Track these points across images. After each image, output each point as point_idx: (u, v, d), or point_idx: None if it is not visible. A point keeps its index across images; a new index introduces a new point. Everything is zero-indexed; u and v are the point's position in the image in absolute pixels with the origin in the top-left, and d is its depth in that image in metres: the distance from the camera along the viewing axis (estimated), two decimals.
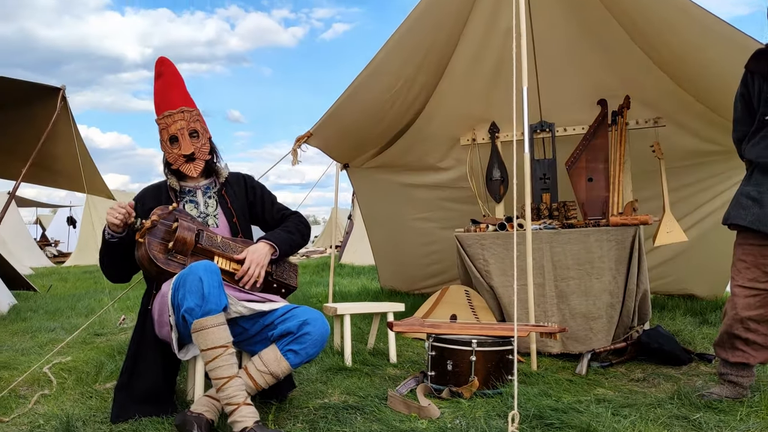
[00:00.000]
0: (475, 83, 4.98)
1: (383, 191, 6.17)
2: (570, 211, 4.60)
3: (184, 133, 3.03)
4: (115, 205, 2.74)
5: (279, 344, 2.69)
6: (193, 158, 3.03)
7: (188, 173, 3.03)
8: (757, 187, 2.87)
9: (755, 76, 2.93)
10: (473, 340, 3.22)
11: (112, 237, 2.78)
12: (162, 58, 3.16)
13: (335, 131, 4.88)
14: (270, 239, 3.00)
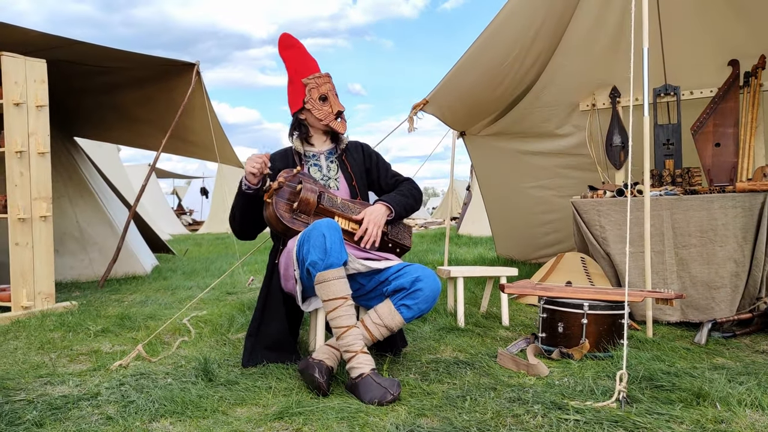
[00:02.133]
0: (596, 46, 4.86)
1: (500, 159, 6.18)
2: (694, 177, 4.43)
3: (333, 93, 3.25)
4: (254, 155, 2.98)
5: (393, 299, 2.84)
6: (340, 116, 3.25)
7: (337, 129, 3.24)
8: None
9: None
10: (585, 303, 3.23)
11: (249, 188, 3.02)
12: (286, 33, 3.38)
13: (451, 98, 4.94)
14: (386, 201, 3.15)
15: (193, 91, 5.98)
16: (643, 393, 2.55)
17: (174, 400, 2.51)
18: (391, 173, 3.41)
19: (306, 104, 3.22)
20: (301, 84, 3.23)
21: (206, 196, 23.73)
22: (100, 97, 6.62)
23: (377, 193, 3.43)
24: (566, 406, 2.38)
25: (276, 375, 2.88)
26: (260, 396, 2.61)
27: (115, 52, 5.33)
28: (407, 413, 2.38)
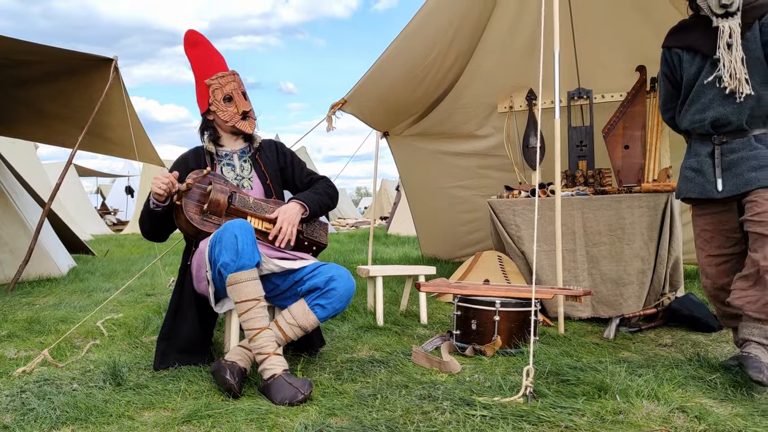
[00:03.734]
0: (513, 50, 4.99)
1: (422, 159, 6.25)
2: (605, 178, 4.61)
3: (239, 92, 3.20)
4: (160, 175, 2.92)
5: (307, 299, 2.84)
6: (247, 116, 3.20)
7: (244, 129, 3.19)
8: (696, 158, 2.96)
9: (672, 51, 3.02)
10: (497, 301, 3.31)
11: (157, 206, 2.95)
12: (191, 29, 3.33)
13: (371, 98, 4.96)
14: (300, 199, 3.14)
15: (111, 87, 5.79)
16: (549, 387, 2.63)
17: (77, 407, 2.44)
18: (306, 171, 3.40)
19: (211, 106, 3.18)
20: (206, 85, 3.19)
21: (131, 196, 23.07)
22: (10, 90, 6.34)
23: (292, 192, 3.41)
24: (474, 402, 2.44)
25: (188, 378, 2.83)
26: (170, 399, 2.57)
27: (26, 45, 5.11)
28: (318, 413, 2.39)
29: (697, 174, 2.95)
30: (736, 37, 2.77)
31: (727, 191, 2.84)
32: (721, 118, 2.83)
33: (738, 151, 2.82)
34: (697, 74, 2.91)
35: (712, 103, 2.86)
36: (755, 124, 2.82)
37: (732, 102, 2.79)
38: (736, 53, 2.76)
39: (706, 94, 2.87)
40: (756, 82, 2.77)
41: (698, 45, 2.90)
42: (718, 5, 2.78)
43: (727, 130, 2.85)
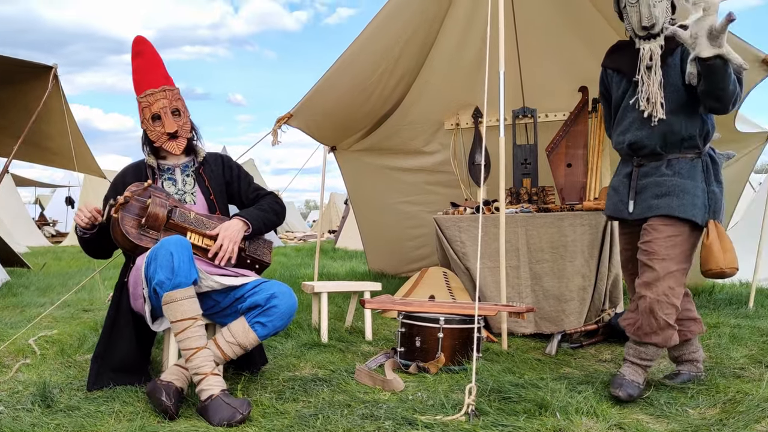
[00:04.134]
0: (459, 68, 5.04)
1: (370, 174, 6.25)
2: (548, 195, 4.68)
3: (167, 111, 3.11)
4: (83, 207, 2.85)
5: (247, 316, 2.78)
6: (176, 136, 3.11)
7: (171, 150, 3.11)
8: (618, 177, 3.00)
9: (607, 71, 3.04)
10: (441, 318, 3.31)
11: (84, 233, 2.92)
12: (139, 36, 3.23)
13: (318, 112, 4.94)
14: (244, 216, 3.09)
15: (49, 95, 5.62)
16: (491, 405, 2.64)
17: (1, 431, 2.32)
18: (253, 187, 3.35)
19: (142, 123, 3.12)
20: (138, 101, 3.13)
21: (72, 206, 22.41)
22: None
23: (239, 208, 3.35)
24: (416, 421, 2.42)
25: (123, 399, 2.74)
26: (102, 422, 2.47)
27: None
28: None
29: (615, 193, 2.99)
30: (656, 59, 2.78)
31: (636, 214, 2.87)
32: (638, 141, 2.84)
33: (650, 175, 2.84)
34: (622, 95, 2.94)
35: (631, 126, 2.87)
36: (670, 149, 2.82)
37: (648, 126, 2.80)
38: (654, 77, 2.76)
39: (628, 116, 2.89)
40: (670, 107, 2.77)
41: (624, 66, 2.92)
42: (639, 27, 2.80)
43: (643, 153, 2.86)
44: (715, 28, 2.40)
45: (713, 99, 2.63)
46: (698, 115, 2.80)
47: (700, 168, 2.81)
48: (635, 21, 2.80)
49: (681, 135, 2.78)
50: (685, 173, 2.79)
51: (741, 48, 3.76)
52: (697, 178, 2.79)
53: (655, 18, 2.77)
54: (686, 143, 2.80)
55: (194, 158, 3.25)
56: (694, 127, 2.78)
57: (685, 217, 2.72)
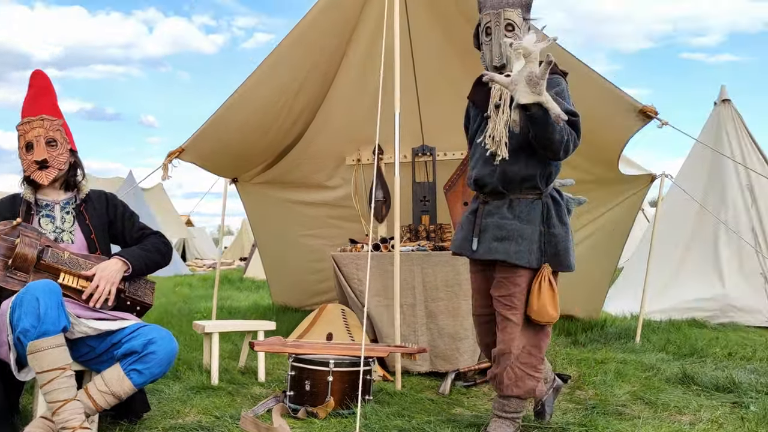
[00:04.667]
0: (360, 104, 5.07)
1: (273, 207, 6.16)
2: (445, 233, 4.74)
3: (40, 140, 2.95)
4: None
5: (123, 363, 2.65)
6: (45, 165, 2.94)
7: (39, 180, 2.94)
8: (466, 213, 2.97)
9: (469, 105, 3.03)
10: (331, 360, 3.26)
11: None
12: (37, 71, 3.11)
13: (213, 146, 4.83)
14: (123, 256, 2.96)
15: None
16: None
17: None
18: (137, 226, 3.22)
19: (19, 154, 2.97)
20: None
21: None
22: None
23: (122, 247, 3.21)
24: None
25: None
26: None
27: None
28: None
29: (461, 228, 2.93)
30: (505, 99, 2.73)
31: (479, 253, 2.81)
32: (481, 178, 2.81)
33: (493, 215, 2.80)
34: (476, 130, 2.90)
35: (477, 162, 2.84)
36: (511, 188, 2.78)
37: (491, 164, 2.76)
38: (502, 115, 2.72)
39: (477, 152, 2.85)
40: (512, 147, 2.73)
41: (479, 101, 2.90)
42: (492, 66, 2.78)
43: (487, 191, 2.83)
44: (535, 75, 2.38)
45: (541, 147, 2.63)
46: (539, 157, 2.75)
47: (540, 210, 2.77)
48: (488, 59, 2.79)
49: (521, 175, 2.74)
50: (524, 216, 2.75)
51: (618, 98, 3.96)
52: (536, 221, 2.75)
53: (505, 58, 2.74)
54: (527, 184, 2.76)
55: (76, 195, 3.11)
56: (534, 167, 2.74)
57: (521, 264, 2.69)
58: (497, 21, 2.76)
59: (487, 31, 2.80)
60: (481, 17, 2.84)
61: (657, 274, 6.71)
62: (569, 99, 2.77)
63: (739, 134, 7.26)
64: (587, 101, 4.12)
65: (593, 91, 3.94)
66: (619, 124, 4.12)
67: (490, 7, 2.80)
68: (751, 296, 6.79)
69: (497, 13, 2.77)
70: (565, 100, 2.72)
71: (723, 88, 7.73)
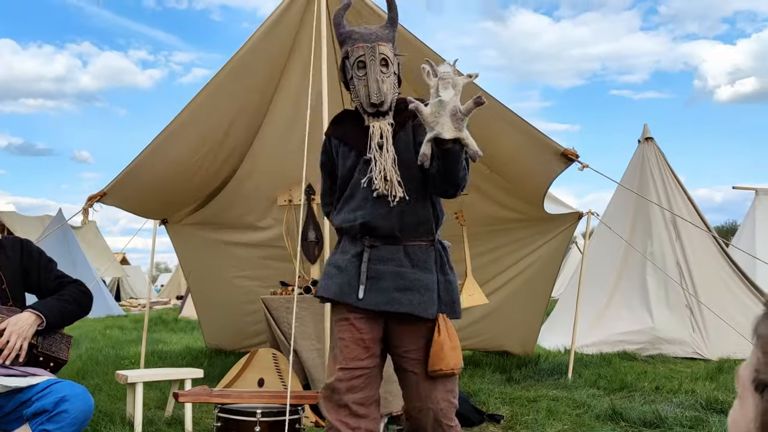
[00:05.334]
0: (290, 144, 5.03)
1: (204, 248, 6.05)
2: None
3: None
4: None
5: (32, 423, 2.50)
6: None
7: None
8: (344, 255, 2.61)
9: (332, 140, 2.72)
10: (258, 410, 3.17)
11: None
12: None
13: (138, 188, 4.73)
14: (37, 308, 2.82)
15: None
16: None
17: None
18: (55, 274, 3.08)
19: None
20: None
21: None
22: None
23: (38, 298, 3.07)
24: None
25: None
26: None
27: None
28: None
29: (339, 272, 2.59)
30: (387, 136, 2.56)
31: (369, 302, 2.51)
32: (371, 221, 2.53)
33: (386, 261, 2.53)
34: (351, 169, 2.64)
35: (364, 204, 2.56)
36: (407, 232, 2.54)
37: (383, 205, 2.51)
38: (387, 154, 2.53)
39: (360, 193, 2.58)
40: (409, 186, 2.53)
41: (351, 140, 2.66)
42: (368, 103, 2.56)
43: (378, 234, 2.55)
44: (460, 110, 2.20)
45: (447, 183, 2.44)
46: (430, 198, 2.60)
47: (434, 256, 2.57)
48: (363, 96, 2.57)
49: (418, 218, 2.55)
50: (422, 264, 2.54)
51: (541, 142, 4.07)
52: (433, 269, 2.56)
53: (383, 95, 2.56)
54: (422, 228, 2.57)
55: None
56: (429, 210, 2.58)
57: (425, 316, 2.49)
58: (372, 55, 2.57)
59: (359, 65, 2.58)
60: (349, 50, 2.63)
61: (588, 306, 6.87)
62: None
63: (663, 172, 7.56)
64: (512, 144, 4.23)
65: (517, 135, 4.04)
66: (543, 167, 4.22)
67: (362, 40, 2.61)
68: (678, 328, 7.02)
69: (371, 47, 2.58)
70: None
71: (645, 127, 8.07)
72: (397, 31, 2.70)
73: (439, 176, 2.44)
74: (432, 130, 2.25)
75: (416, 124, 2.55)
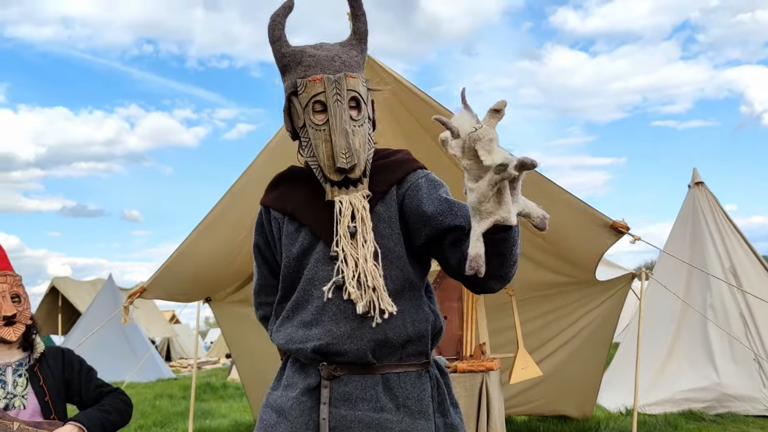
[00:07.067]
0: None
1: (248, 323, 5.98)
2: None
3: (6, 296, 2.90)
4: None
5: None
6: (13, 321, 2.87)
7: (7, 337, 2.84)
8: (288, 391, 1.78)
9: (272, 213, 1.85)
10: None
11: None
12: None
13: (177, 279, 4.73)
14: (80, 420, 2.79)
15: None
16: None
17: None
18: (95, 383, 3.06)
19: None
20: None
21: None
22: None
23: (79, 408, 3.04)
24: None
25: None
26: None
27: None
28: None
29: (280, 418, 1.75)
30: (364, 218, 1.71)
31: None
32: (335, 342, 1.69)
33: (354, 400, 1.69)
34: (300, 256, 1.76)
35: (322, 316, 1.70)
36: (388, 355, 1.71)
37: (351, 318, 1.68)
38: (364, 247, 1.69)
39: (315, 295, 1.72)
40: (395, 287, 1.71)
41: (303, 214, 1.78)
42: (333, 169, 1.70)
43: (343, 360, 1.70)
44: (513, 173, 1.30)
45: (495, 276, 1.52)
46: (425, 302, 1.79)
47: (430, 388, 1.76)
48: (324, 156, 1.70)
49: (406, 333, 1.71)
50: (412, 404, 1.71)
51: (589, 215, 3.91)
52: (429, 409, 1.73)
53: (356, 154, 1.69)
54: (412, 347, 1.73)
55: (30, 354, 2.96)
56: (424, 321, 1.75)
57: None
58: (337, 92, 1.70)
59: (316, 107, 1.71)
60: (299, 82, 1.73)
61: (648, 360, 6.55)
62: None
63: (717, 219, 7.27)
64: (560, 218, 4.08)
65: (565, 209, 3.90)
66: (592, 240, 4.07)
67: (320, 68, 1.72)
68: (747, 384, 6.63)
69: (335, 80, 1.70)
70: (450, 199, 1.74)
71: (695, 171, 7.80)
72: (367, 53, 1.83)
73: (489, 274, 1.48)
74: (487, 218, 1.34)
75: (408, 189, 1.75)
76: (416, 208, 1.72)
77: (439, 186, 1.78)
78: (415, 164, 1.83)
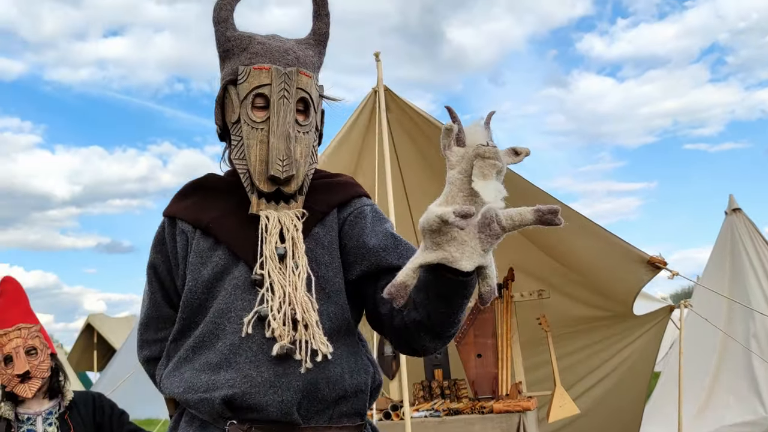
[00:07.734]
0: None
1: None
2: (461, 390, 4.49)
3: (20, 351, 2.85)
4: None
5: None
6: (28, 377, 2.83)
7: (22, 394, 2.82)
8: None
9: (178, 226, 1.53)
10: None
11: None
12: (7, 277, 3.06)
13: None
14: None
15: None
16: None
17: None
18: (127, 429, 3.04)
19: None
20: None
21: None
22: None
23: None
24: None
25: None
26: None
27: None
28: None
29: None
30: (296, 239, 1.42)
31: None
32: (252, 392, 1.35)
33: None
34: (213, 283, 1.44)
35: (237, 356, 1.38)
36: (315, 414, 1.40)
37: (279, 364, 1.36)
38: (294, 276, 1.39)
39: (230, 334, 1.40)
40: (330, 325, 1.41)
41: (224, 232, 1.47)
42: (264, 176, 1.43)
43: (260, 417, 1.37)
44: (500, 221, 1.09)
45: (432, 332, 1.31)
46: (363, 350, 1.51)
47: None
48: (256, 159, 1.43)
49: (343, 388, 1.41)
50: None
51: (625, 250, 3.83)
52: None
53: (295, 164, 1.43)
54: (346, 405, 1.44)
55: (59, 402, 2.95)
56: (363, 371, 1.47)
57: None
58: (285, 87, 1.44)
59: (256, 102, 1.45)
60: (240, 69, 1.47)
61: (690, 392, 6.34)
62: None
63: (757, 245, 7.07)
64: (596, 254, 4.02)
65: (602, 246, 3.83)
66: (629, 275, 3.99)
67: (270, 58, 1.46)
68: None
69: (287, 73, 1.45)
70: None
71: (731, 198, 7.62)
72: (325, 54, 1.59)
73: (419, 322, 1.29)
74: (433, 250, 1.10)
75: (351, 215, 1.50)
76: (357, 238, 1.46)
77: (385, 220, 1.53)
78: (361, 190, 1.58)
